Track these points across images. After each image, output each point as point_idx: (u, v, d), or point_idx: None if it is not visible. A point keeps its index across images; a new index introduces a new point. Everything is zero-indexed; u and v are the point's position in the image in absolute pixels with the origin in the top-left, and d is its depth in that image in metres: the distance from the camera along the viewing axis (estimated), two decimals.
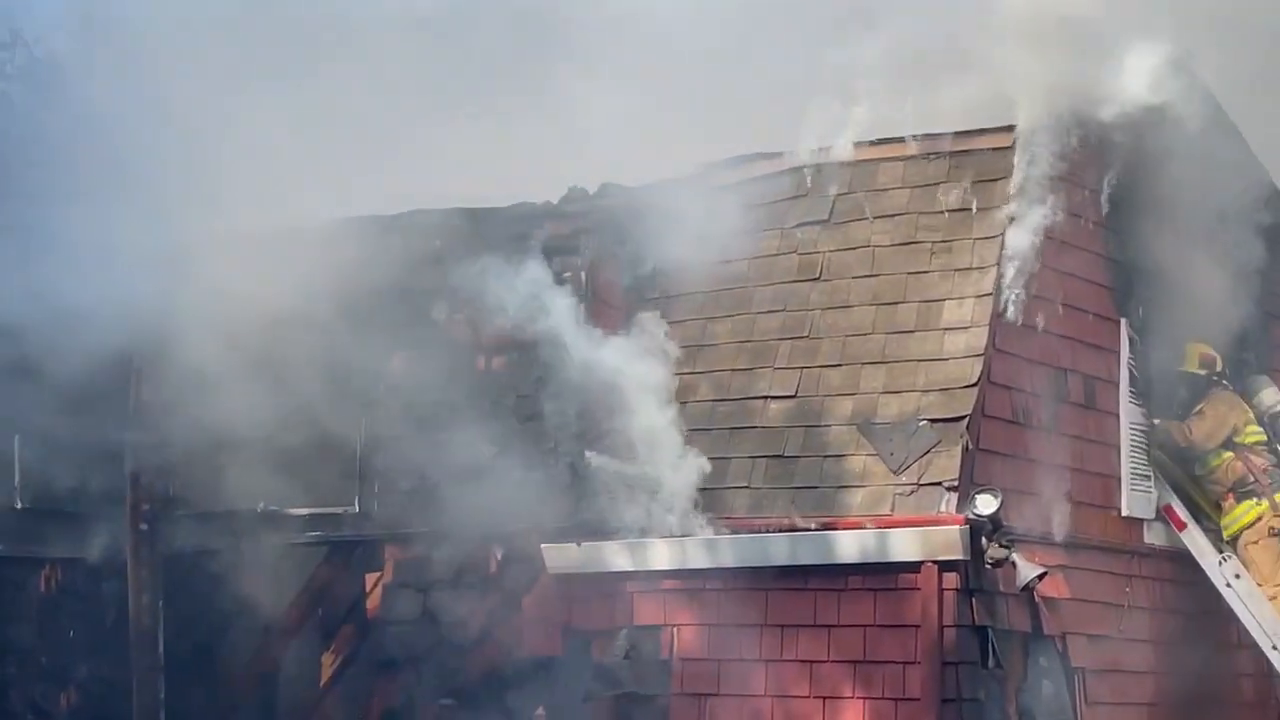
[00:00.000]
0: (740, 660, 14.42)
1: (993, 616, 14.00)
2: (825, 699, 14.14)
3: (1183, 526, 15.93)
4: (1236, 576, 15.72)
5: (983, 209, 14.53)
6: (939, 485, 13.94)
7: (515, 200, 16.02)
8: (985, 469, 14.13)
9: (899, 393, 14.33)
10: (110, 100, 15.97)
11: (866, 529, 13.97)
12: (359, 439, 16.06)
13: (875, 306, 14.70)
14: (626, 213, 15.42)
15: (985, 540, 13.75)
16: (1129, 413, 15.72)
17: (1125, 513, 15.63)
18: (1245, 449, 16.02)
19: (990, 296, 14.26)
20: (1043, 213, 14.44)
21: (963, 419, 14.02)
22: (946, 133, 14.77)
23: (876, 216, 14.92)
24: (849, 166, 15.10)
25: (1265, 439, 16.17)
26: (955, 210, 14.64)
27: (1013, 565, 13.94)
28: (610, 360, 14.74)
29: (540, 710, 15.10)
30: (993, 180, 14.54)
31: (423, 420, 15.37)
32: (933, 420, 14.11)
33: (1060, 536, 14.79)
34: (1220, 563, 15.80)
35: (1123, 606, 15.32)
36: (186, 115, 15.77)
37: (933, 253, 14.62)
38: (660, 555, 14.63)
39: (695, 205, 15.10)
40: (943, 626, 13.75)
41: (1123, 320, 15.75)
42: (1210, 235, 15.94)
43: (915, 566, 13.84)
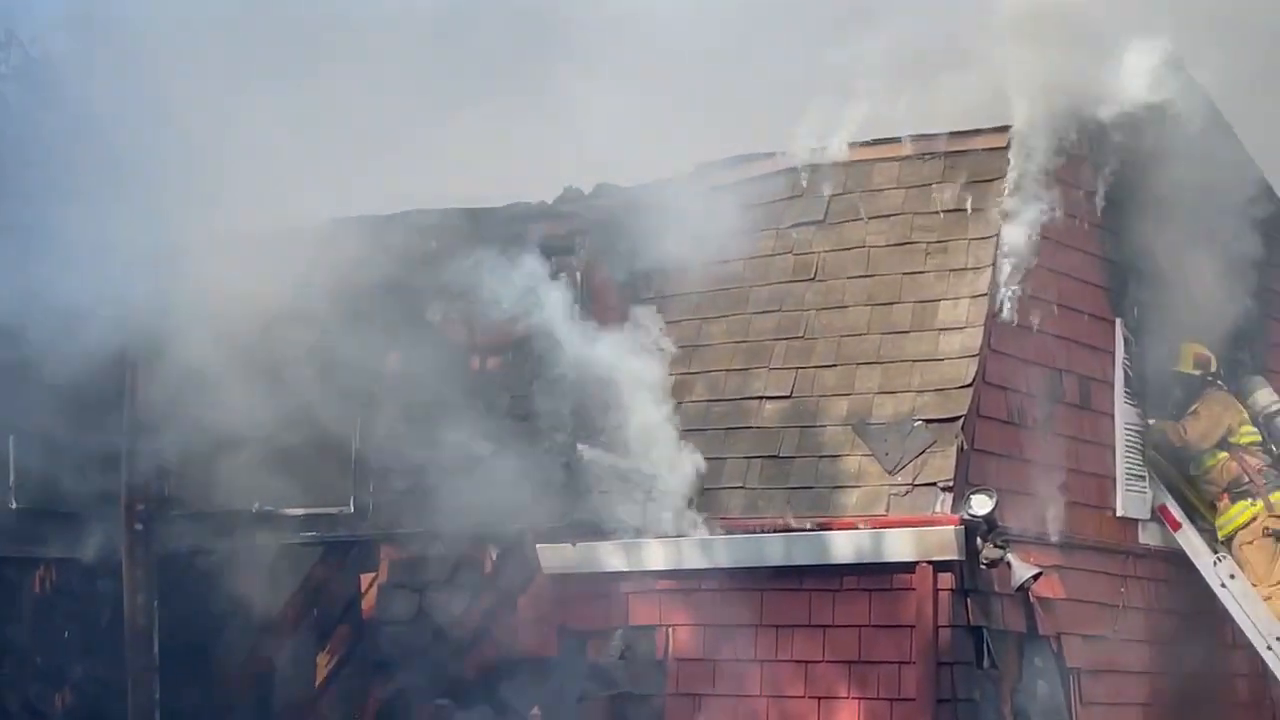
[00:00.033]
0: (735, 660, 14.41)
1: (988, 617, 14.00)
2: (820, 699, 14.15)
3: (1178, 527, 15.93)
4: (1231, 577, 15.72)
5: (978, 209, 14.52)
6: (934, 485, 13.93)
7: (514, 200, 16.02)
8: (980, 469, 14.13)
9: (894, 393, 14.33)
10: (107, 100, 15.94)
11: (861, 529, 13.97)
12: (354, 439, 16.06)
13: (870, 307, 14.70)
14: (622, 213, 15.41)
15: (980, 540, 13.76)
16: (1124, 413, 15.73)
17: (1120, 513, 15.63)
18: (1240, 449, 16.02)
19: (985, 297, 14.26)
20: (1038, 213, 14.44)
21: (958, 419, 14.02)
22: (941, 133, 14.76)
23: (871, 217, 14.92)
24: (844, 167, 15.09)
25: (1260, 439, 16.17)
26: (950, 210, 14.63)
27: (1008, 565, 13.94)
28: (605, 357, 14.74)
29: (535, 710, 15.09)
30: (988, 180, 14.53)
31: (418, 420, 15.35)
32: (928, 420, 14.11)
33: (1055, 537, 14.79)
34: (1215, 563, 15.80)
35: (1118, 607, 15.32)
36: (184, 115, 15.75)
37: (928, 253, 14.62)
38: (655, 555, 14.63)
39: (691, 205, 15.10)
40: (938, 627, 13.75)
41: (1118, 320, 15.75)
42: (1205, 235, 15.93)
43: (910, 567, 13.85)
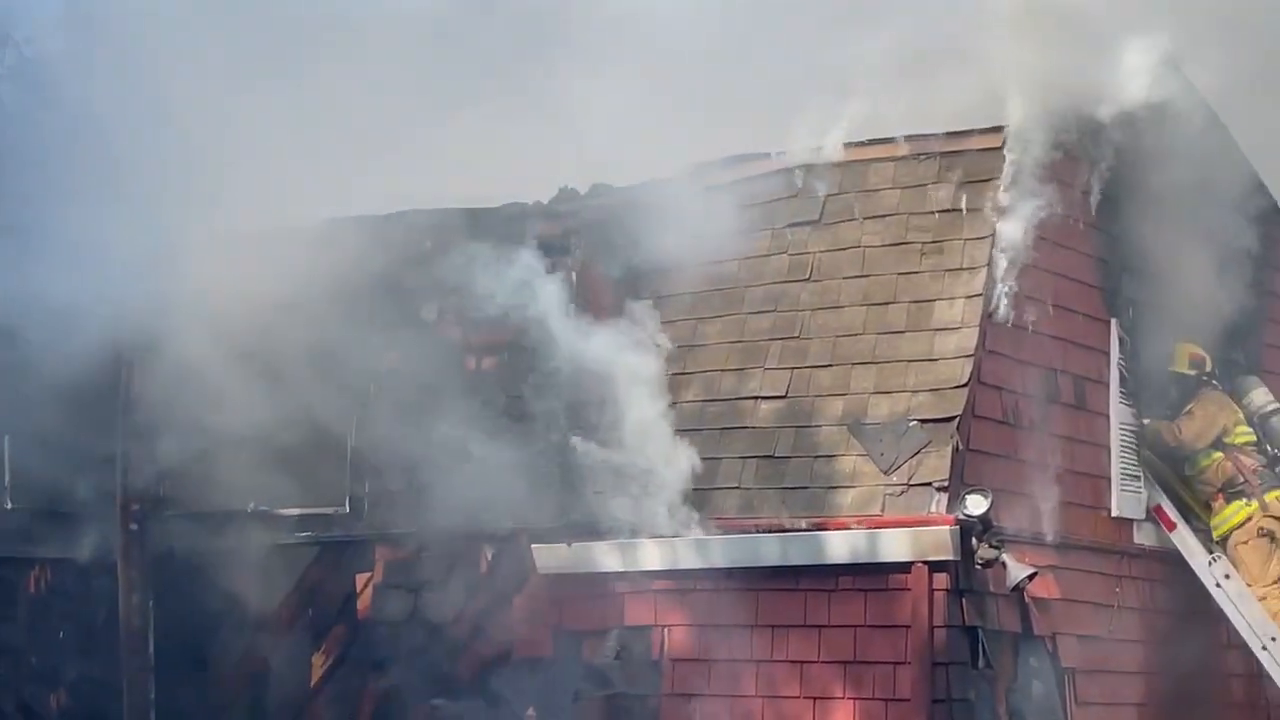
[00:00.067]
0: (731, 661, 14.41)
1: (983, 617, 14.00)
2: (816, 699, 14.15)
3: (1172, 527, 15.93)
4: (1226, 577, 15.71)
5: (973, 209, 14.53)
6: (929, 486, 13.93)
7: (512, 200, 16.01)
8: (975, 469, 14.13)
9: (889, 393, 14.33)
10: (104, 100, 15.93)
11: (857, 529, 13.97)
12: (350, 439, 16.05)
13: (866, 307, 14.70)
14: (617, 213, 15.41)
15: (975, 541, 13.77)
16: (1119, 413, 15.73)
17: (1115, 513, 15.63)
18: (1235, 449, 16.01)
19: (980, 297, 14.26)
20: (1033, 212, 14.45)
21: (953, 419, 14.02)
22: (937, 133, 14.77)
23: (867, 217, 14.92)
24: (839, 167, 15.08)
25: (1255, 439, 16.16)
26: (945, 211, 14.64)
27: (1003, 566, 13.94)
28: (600, 354, 14.73)
29: (530, 710, 15.09)
30: (983, 181, 14.54)
31: (414, 420, 15.35)
32: (923, 421, 14.11)
33: (1050, 537, 14.79)
34: (1210, 563, 15.80)
35: (1113, 607, 15.32)
36: (182, 115, 15.74)
37: (923, 253, 14.62)
38: (651, 555, 14.63)
39: (686, 205, 15.09)
40: (933, 627, 13.75)
41: (1113, 320, 15.75)
42: (1200, 235, 15.93)
43: (905, 567, 13.85)
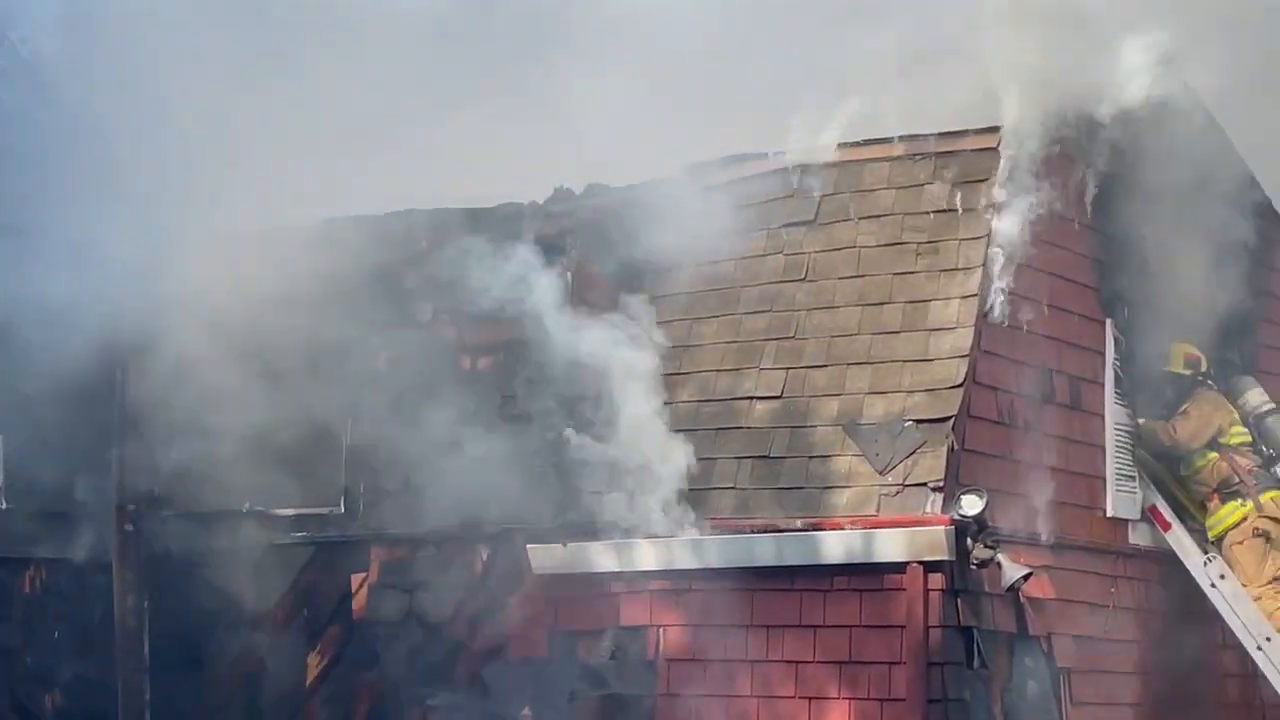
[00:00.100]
0: (726, 661, 14.41)
1: (978, 617, 14.01)
2: (811, 699, 14.14)
3: (1168, 527, 15.93)
4: (1221, 577, 15.72)
5: (968, 209, 14.53)
6: (924, 486, 13.93)
7: (511, 199, 16.01)
8: (970, 469, 14.13)
9: (884, 393, 14.33)
10: (102, 99, 15.94)
11: (852, 530, 13.97)
12: (345, 439, 16.04)
13: (861, 307, 14.70)
14: (613, 213, 15.40)
15: (970, 541, 13.76)
16: (1114, 413, 15.73)
17: (1110, 513, 15.63)
18: (1230, 450, 16.01)
19: (976, 297, 14.26)
20: (1028, 212, 14.45)
21: (948, 419, 14.02)
22: (931, 133, 14.77)
23: (862, 217, 14.92)
24: (834, 167, 15.09)
25: (1250, 440, 16.16)
26: (940, 211, 14.65)
27: (998, 566, 13.94)
28: (596, 350, 14.73)
29: (526, 710, 15.08)
30: (978, 181, 14.54)
31: (409, 421, 15.34)
32: (918, 421, 14.10)
33: (1045, 537, 14.79)
34: (1205, 563, 15.81)
35: (1108, 607, 15.32)
36: (179, 115, 15.74)
37: (918, 253, 14.62)
38: (646, 556, 14.62)
39: (681, 206, 15.09)
40: (928, 627, 13.75)
41: (1108, 321, 15.75)
42: (1196, 235, 15.93)
43: (901, 567, 13.84)
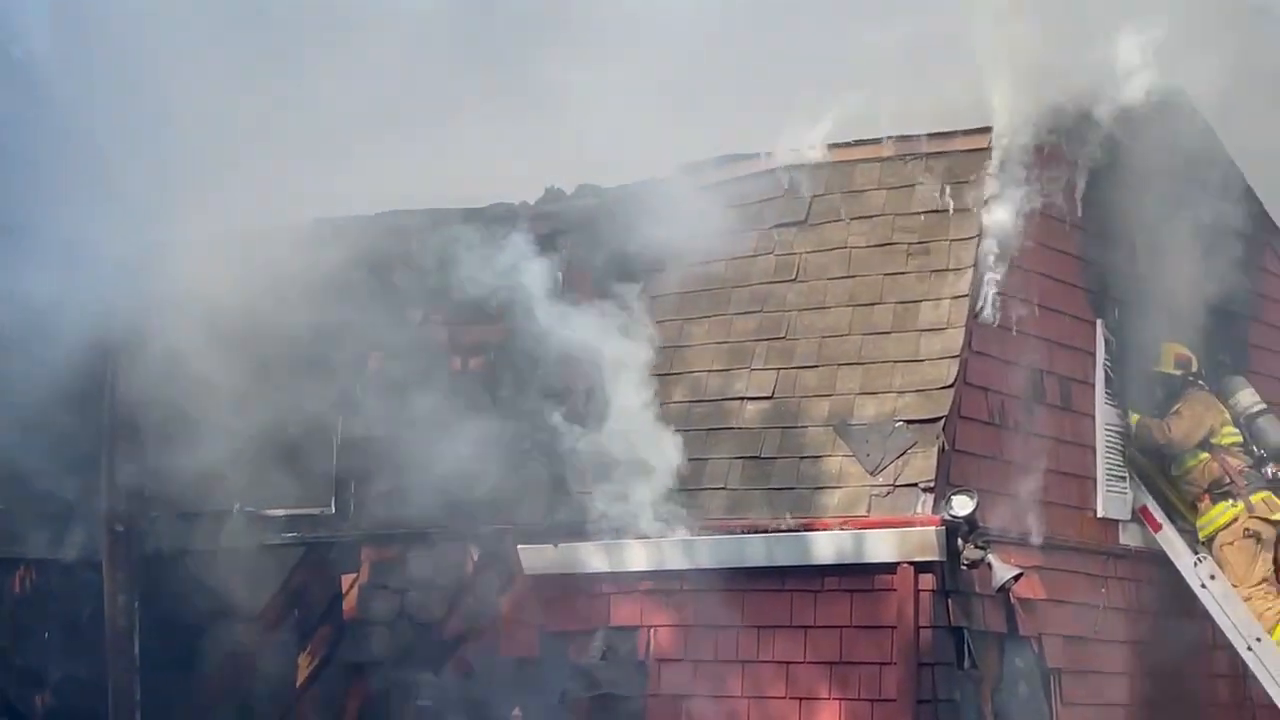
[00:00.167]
0: (717, 661, 14.41)
1: (968, 617, 14.01)
2: (801, 700, 14.15)
3: (1158, 527, 15.94)
4: (1212, 577, 15.72)
5: (959, 210, 14.54)
6: (915, 486, 13.94)
7: (508, 198, 16.01)
8: (961, 470, 14.14)
9: (875, 394, 14.33)
10: (94, 99, 15.94)
11: (843, 530, 13.97)
12: (335, 440, 16.04)
13: (852, 308, 14.70)
14: (604, 213, 15.41)
15: (961, 541, 13.77)
16: (1104, 414, 15.74)
17: (1101, 514, 15.64)
18: (1222, 450, 16.02)
19: (966, 298, 14.27)
20: (1018, 213, 14.45)
21: (939, 420, 14.02)
22: (922, 134, 14.77)
23: (853, 218, 14.93)
24: (825, 167, 15.10)
25: (1241, 440, 16.17)
26: (931, 211, 14.65)
27: (988, 566, 13.95)
28: (587, 346, 14.72)
29: (517, 711, 15.08)
30: (968, 181, 14.55)
31: (400, 422, 15.34)
32: (909, 421, 14.11)
33: (1036, 537, 14.79)
34: (1196, 564, 15.81)
35: (1098, 607, 15.33)
36: (173, 114, 15.74)
37: (909, 254, 14.62)
38: (637, 556, 14.62)
39: (672, 206, 15.09)
40: (919, 627, 13.76)
41: (1098, 321, 15.76)
42: (1186, 236, 15.94)
43: (891, 567, 13.85)
